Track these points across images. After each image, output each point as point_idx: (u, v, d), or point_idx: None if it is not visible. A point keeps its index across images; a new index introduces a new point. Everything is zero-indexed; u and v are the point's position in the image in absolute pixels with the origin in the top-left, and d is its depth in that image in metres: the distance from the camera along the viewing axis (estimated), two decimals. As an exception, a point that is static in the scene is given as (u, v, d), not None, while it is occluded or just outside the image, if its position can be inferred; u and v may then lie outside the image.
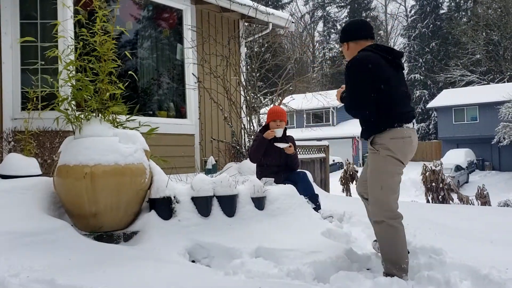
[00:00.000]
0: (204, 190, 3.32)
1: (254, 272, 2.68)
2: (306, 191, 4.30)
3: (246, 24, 8.51)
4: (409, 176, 18.54)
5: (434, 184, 14.70)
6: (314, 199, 4.35)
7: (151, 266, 2.58)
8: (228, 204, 3.42)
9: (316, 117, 34.92)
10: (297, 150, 4.83)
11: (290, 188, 3.90)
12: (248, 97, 7.52)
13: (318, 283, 2.67)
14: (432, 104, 32.93)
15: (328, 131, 30.46)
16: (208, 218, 3.31)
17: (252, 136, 7.01)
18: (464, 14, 43.65)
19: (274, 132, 4.56)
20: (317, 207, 4.30)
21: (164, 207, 3.24)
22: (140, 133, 3.43)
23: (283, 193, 3.76)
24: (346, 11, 49.77)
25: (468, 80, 37.58)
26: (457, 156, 26.93)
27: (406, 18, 48.08)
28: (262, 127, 4.88)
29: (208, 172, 5.87)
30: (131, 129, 3.50)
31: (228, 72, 7.15)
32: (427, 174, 14.87)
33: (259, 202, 3.55)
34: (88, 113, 3.36)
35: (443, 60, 41.12)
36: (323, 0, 50.49)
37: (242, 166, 6.22)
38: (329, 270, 2.83)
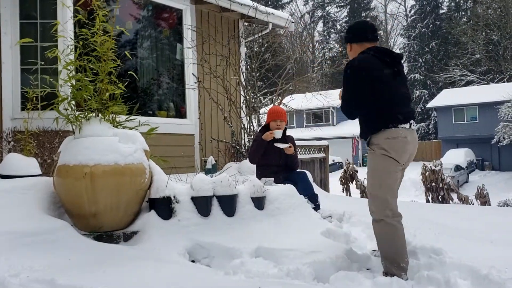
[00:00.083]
0: (204, 190, 3.32)
1: (254, 272, 2.69)
2: (305, 191, 4.30)
3: (246, 24, 8.50)
4: (409, 176, 18.50)
5: (434, 184, 14.68)
6: (313, 199, 4.35)
7: (151, 266, 2.58)
8: (228, 204, 3.41)
9: (316, 117, 34.94)
10: (296, 150, 4.83)
11: (290, 188, 3.90)
12: (248, 97, 7.52)
13: (317, 283, 2.67)
14: (431, 104, 32.95)
15: (328, 131, 30.47)
16: (208, 218, 3.31)
17: (252, 136, 7.01)
18: (463, 14, 43.65)
19: (274, 134, 4.56)
20: (316, 207, 4.30)
21: (164, 207, 3.24)
22: (140, 133, 3.43)
23: (283, 193, 3.76)
24: (346, 11, 49.78)
25: (468, 80, 37.59)
26: (456, 156, 26.95)
27: (406, 18, 48.08)
28: (262, 127, 4.87)
29: (208, 172, 5.87)
30: (131, 129, 3.50)
31: (228, 72, 7.15)
32: (427, 174, 14.86)
33: (259, 202, 3.55)
34: (88, 113, 3.36)
35: (443, 60, 41.12)
36: (323, 0, 50.48)
37: (242, 166, 6.22)
38: (328, 270, 2.84)
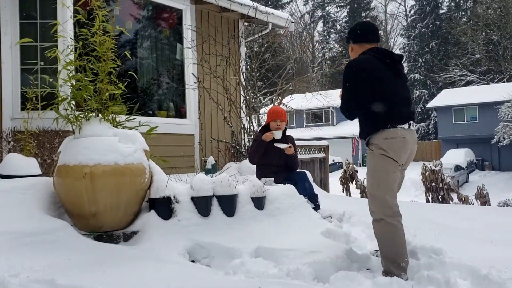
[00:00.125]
0: (203, 190, 3.32)
1: (253, 272, 2.68)
2: (305, 191, 4.30)
3: (246, 24, 8.50)
4: (409, 176, 18.44)
5: (434, 184, 14.68)
6: (313, 199, 4.35)
7: (151, 266, 2.58)
8: (228, 204, 3.41)
9: (316, 117, 34.94)
10: (296, 150, 4.83)
11: (290, 188, 3.89)
12: (247, 97, 7.52)
13: (317, 283, 2.67)
14: (431, 104, 32.95)
15: (327, 131, 30.47)
16: (208, 218, 3.31)
17: (252, 136, 7.01)
18: (463, 14, 43.64)
19: (273, 134, 4.56)
20: (316, 207, 4.30)
21: (164, 207, 3.24)
22: (140, 133, 3.43)
23: (283, 193, 3.76)
24: (346, 11, 49.77)
25: (468, 80, 37.59)
26: (456, 156, 26.95)
27: (406, 18, 48.07)
28: (262, 127, 4.87)
29: (207, 172, 5.87)
30: (131, 129, 3.50)
31: (227, 72, 7.15)
32: (427, 174, 14.86)
33: (258, 202, 3.55)
34: (88, 113, 3.36)
35: (443, 60, 41.12)
36: (323, 0, 50.47)
37: (241, 166, 6.22)
38: (328, 270, 2.84)
